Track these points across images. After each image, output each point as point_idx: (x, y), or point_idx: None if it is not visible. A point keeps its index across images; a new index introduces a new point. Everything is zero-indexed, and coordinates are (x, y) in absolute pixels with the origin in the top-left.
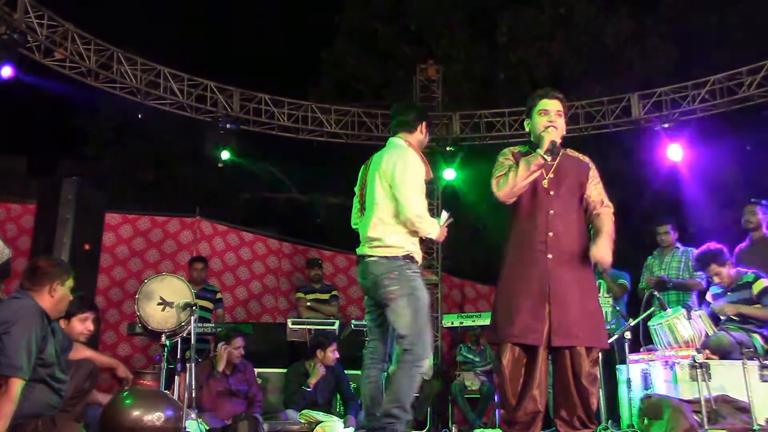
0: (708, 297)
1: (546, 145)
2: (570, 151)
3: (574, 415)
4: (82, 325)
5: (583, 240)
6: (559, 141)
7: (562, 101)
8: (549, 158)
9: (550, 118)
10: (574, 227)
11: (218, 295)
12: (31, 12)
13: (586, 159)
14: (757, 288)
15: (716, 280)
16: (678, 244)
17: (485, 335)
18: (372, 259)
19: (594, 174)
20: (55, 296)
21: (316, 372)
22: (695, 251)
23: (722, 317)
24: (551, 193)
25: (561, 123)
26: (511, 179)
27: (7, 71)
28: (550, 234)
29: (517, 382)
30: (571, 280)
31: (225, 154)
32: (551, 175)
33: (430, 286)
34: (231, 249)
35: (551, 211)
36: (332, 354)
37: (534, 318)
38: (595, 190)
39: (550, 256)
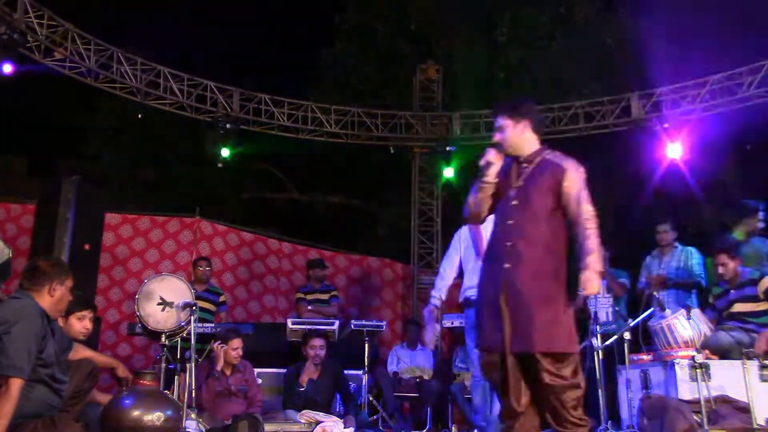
0: (710, 299)
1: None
2: (551, 155)
3: (552, 416)
4: (80, 323)
5: (549, 248)
6: (498, 155)
7: (502, 112)
8: (489, 179)
9: (496, 135)
10: (537, 235)
11: (222, 298)
12: (31, 12)
13: (567, 163)
14: (763, 285)
15: (720, 270)
16: (677, 244)
17: None
18: None
19: (572, 178)
20: (54, 296)
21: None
22: (695, 251)
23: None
24: (513, 202)
25: (503, 135)
26: (468, 203)
27: (7, 68)
28: (508, 244)
29: (496, 386)
30: (527, 288)
31: (225, 152)
32: (520, 183)
33: (430, 285)
34: (231, 249)
35: (510, 222)
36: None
37: (493, 325)
38: (572, 197)
39: (507, 265)
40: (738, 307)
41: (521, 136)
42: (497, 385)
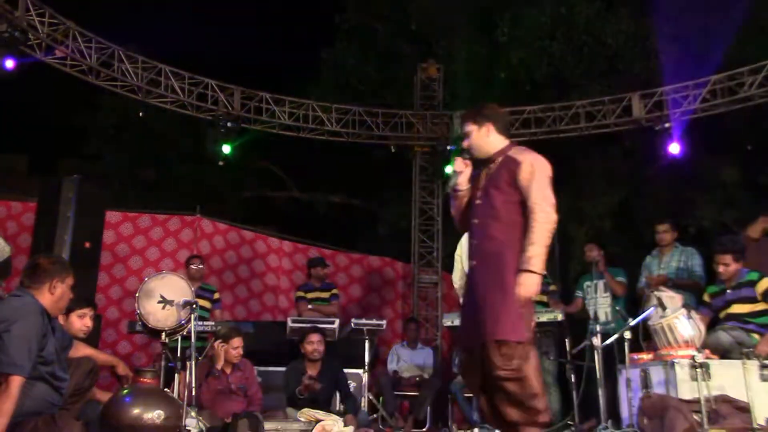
0: (705, 297)
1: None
2: (514, 151)
3: (506, 410)
4: (81, 321)
5: (508, 243)
6: (464, 162)
7: (466, 119)
8: (461, 187)
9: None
10: (496, 232)
11: (216, 295)
12: (32, 10)
13: (523, 156)
14: (762, 287)
15: (721, 269)
16: (677, 244)
17: None
18: None
19: (526, 170)
20: (55, 294)
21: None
22: (695, 251)
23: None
24: (477, 201)
25: (469, 141)
26: (452, 213)
27: (9, 63)
28: (474, 242)
29: (472, 388)
30: (484, 284)
31: (226, 148)
32: (483, 183)
33: (430, 284)
34: (231, 247)
35: (475, 221)
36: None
37: (462, 323)
38: (526, 189)
39: (474, 262)
40: (736, 308)
41: (486, 139)
42: (473, 387)
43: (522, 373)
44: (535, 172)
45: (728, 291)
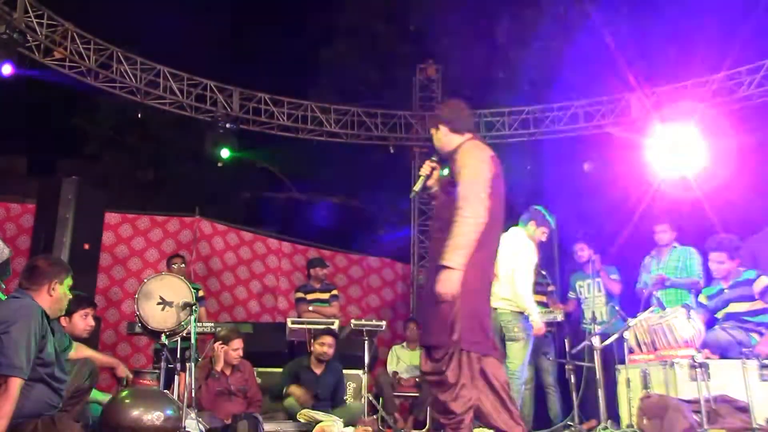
0: (701, 298)
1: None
2: (461, 147)
3: (432, 410)
4: (84, 321)
5: (444, 242)
6: (431, 164)
7: (427, 125)
8: (433, 190)
9: None
10: (438, 232)
11: (201, 293)
12: (30, 11)
13: (461, 151)
14: (760, 285)
15: (715, 266)
16: (675, 244)
17: None
18: None
19: (458, 166)
20: (54, 295)
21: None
22: (693, 251)
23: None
24: (434, 203)
25: (434, 143)
26: None
27: (7, 69)
28: (430, 243)
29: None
30: (427, 286)
31: (225, 152)
32: (443, 181)
33: None
34: (230, 248)
35: (432, 222)
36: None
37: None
38: (458, 186)
39: (429, 265)
40: (734, 307)
41: (445, 139)
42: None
43: (442, 377)
44: (466, 167)
45: (726, 290)
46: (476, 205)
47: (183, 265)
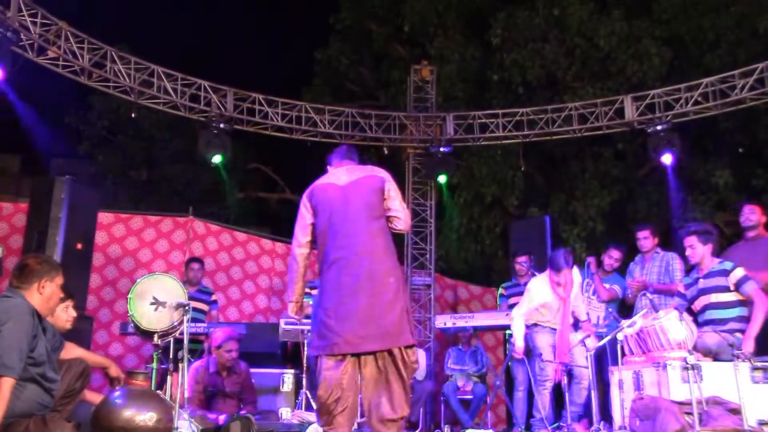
0: (680, 288)
1: None
2: None
3: None
4: (66, 313)
5: None
6: None
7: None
8: None
9: None
10: None
11: (213, 297)
12: (24, 10)
13: None
14: (735, 276)
15: (688, 252)
16: (658, 249)
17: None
18: None
19: None
20: (44, 294)
21: None
22: (676, 256)
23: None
24: None
25: None
26: None
27: None
28: None
29: None
30: None
31: (217, 158)
32: None
33: (422, 287)
34: (224, 249)
35: None
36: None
37: None
38: None
39: None
40: (709, 299)
41: None
42: None
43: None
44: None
45: (701, 279)
46: (293, 245)
47: (201, 272)
